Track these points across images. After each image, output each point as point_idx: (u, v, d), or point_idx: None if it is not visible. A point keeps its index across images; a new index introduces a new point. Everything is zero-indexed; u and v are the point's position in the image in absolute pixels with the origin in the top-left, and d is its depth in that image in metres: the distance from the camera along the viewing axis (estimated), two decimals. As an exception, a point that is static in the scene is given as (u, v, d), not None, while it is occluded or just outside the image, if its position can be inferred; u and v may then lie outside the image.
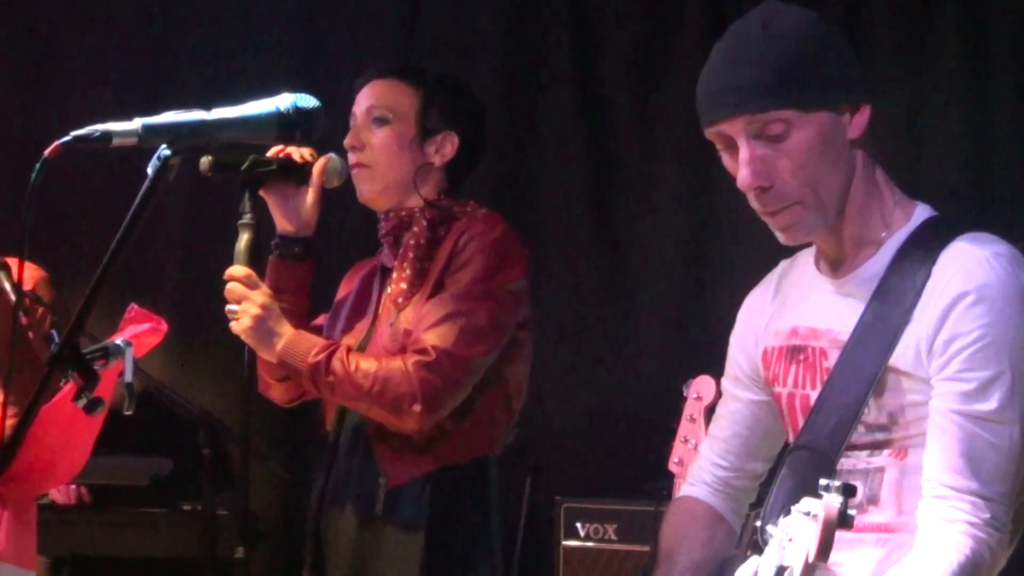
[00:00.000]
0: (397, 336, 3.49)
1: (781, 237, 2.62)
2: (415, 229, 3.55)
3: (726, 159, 2.61)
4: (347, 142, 3.61)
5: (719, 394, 2.96)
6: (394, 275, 3.57)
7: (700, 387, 4.15)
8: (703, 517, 2.88)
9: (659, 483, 4.33)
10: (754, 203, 2.59)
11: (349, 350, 3.47)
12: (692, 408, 4.17)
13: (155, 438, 5.19)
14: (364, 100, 3.64)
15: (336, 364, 3.42)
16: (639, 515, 4.77)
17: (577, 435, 5.36)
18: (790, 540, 2.29)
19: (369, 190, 3.61)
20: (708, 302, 5.24)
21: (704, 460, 2.93)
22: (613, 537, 4.85)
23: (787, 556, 2.30)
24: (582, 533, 4.87)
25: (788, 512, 2.37)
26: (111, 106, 4.15)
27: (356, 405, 3.50)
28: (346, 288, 3.76)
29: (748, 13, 2.62)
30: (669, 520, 2.92)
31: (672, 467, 4.17)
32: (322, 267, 3.68)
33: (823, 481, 2.24)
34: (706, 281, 5.34)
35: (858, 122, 2.58)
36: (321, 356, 3.43)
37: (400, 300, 3.52)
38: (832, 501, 2.21)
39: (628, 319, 5.40)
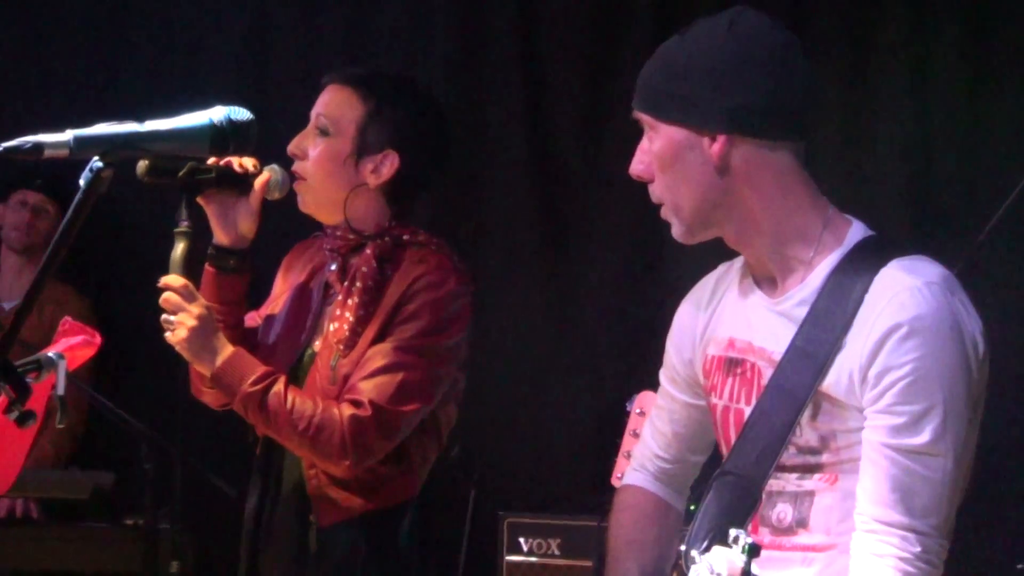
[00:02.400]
0: (337, 380, 3.44)
1: None
2: (364, 269, 3.47)
3: None
4: (290, 148, 3.53)
5: (661, 408, 2.98)
6: (337, 311, 3.50)
7: (643, 402, 4.15)
8: (651, 512, 2.92)
9: (602, 498, 4.32)
10: None
11: (287, 384, 3.42)
12: (635, 423, 4.17)
13: (98, 452, 5.17)
14: (317, 105, 3.56)
15: (272, 400, 3.38)
16: (582, 530, 4.77)
17: (520, 450, 5.35)
18: None
19: (306, 204, 3.55)
20: (653, 317, 5.20)
21: (646, 448, 2.96)
22: (556, 552, 4.84)
23: None
24: (525, 548, 4.86)
25: (707, 547, 2.39)
26: (52, 117, 4.11)
27: (284, 441, 3.45)
28: (281, 287, 3.68)
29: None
30: (618, 516, 2.95)
31: (615, 482, 4.17)
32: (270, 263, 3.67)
33: (732, 532, 2.25)
34: (652, 296, 5.34)
35: (714, 150, 2.60)
36: (258, 387, 3.38)
37: (342, 347, 3.46)
38: (736, 560, 2.22)
39: (572, 334, 5.40)
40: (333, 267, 3.56)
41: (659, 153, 2.63)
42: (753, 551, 2.22)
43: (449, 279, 3.46)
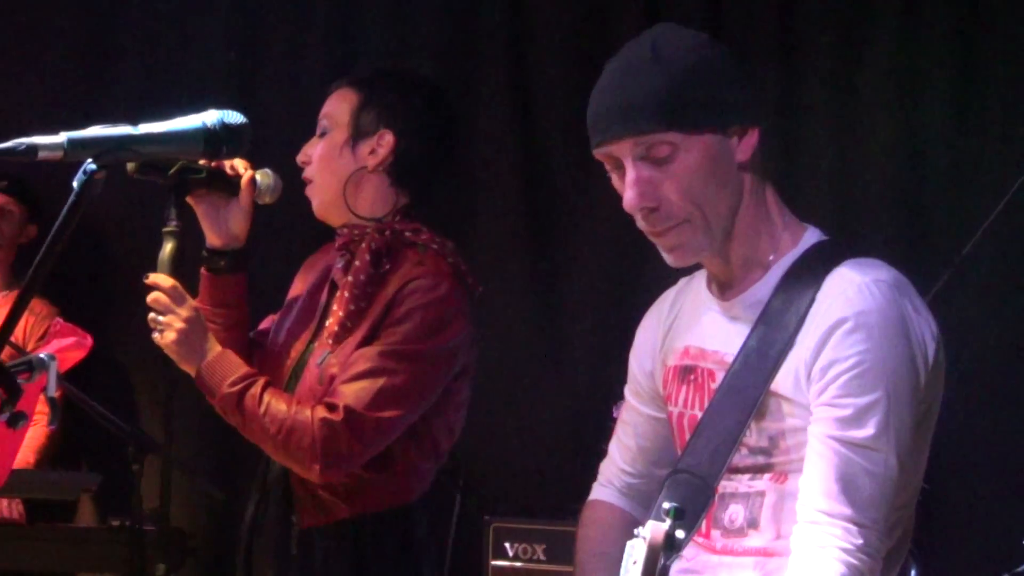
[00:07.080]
0: (323, 380, 3.40)
1: (669, 259, 2.65)
2: (357, 263, 3.42)
3: (615, 180, 2.65)
4: (298, 158, 3.55)
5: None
6: (334, 306, 3.47)
7: (629, 408, 4.16)
8: (617, 525, 2.91)
9: (588, 503, 4.33)
10: (641, 224, 2.62)
11: (266, 386, 3.37)
12: (621, 429, 4.17)
13: (85, 453, 5.17)
14: (320, 114, 3.57)
15: (248, 402, 3.34)
16: (568, 535, 4.70)
17: (507, 455, 5.35)
18: (634, 563, 2.32)
19: (316, 206, 3.55)
20: (638, 324, 5.23)
21: (613, 464, 2.97)
22: (542, 557, 4.84)
23: None
24: (511, 553, 4.86)
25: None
26: (42, 119, 4.12)
27: (260, 444, 3.42)
28: (298, 288, 3.67)
29: (640, 35, 2.66)
30: (584, 531, 2.97)
31: (601, 488, 4.17)
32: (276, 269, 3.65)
33: (665, 504, 2.28)
34: (639, 304, 5.31)
35: (746, 145, 2.61)
36: (236, 389, 3.35)
37: (331, 342, 3.42)
38: (661, 524, 2.25)
39: (560, 339, 5.40)
40: (340, 264, 3.53)
41: (692, 168, 2.57)
42: (678, 514, 2.25)
43: (443, 283, 3.41)
